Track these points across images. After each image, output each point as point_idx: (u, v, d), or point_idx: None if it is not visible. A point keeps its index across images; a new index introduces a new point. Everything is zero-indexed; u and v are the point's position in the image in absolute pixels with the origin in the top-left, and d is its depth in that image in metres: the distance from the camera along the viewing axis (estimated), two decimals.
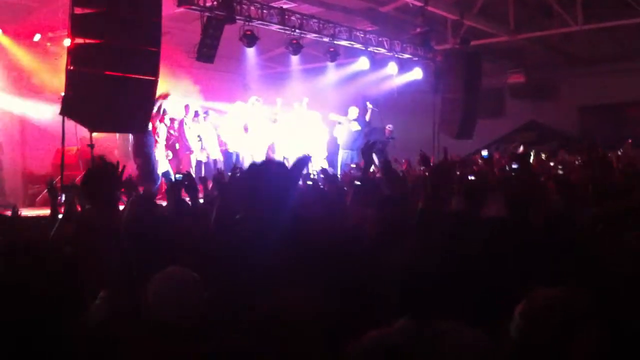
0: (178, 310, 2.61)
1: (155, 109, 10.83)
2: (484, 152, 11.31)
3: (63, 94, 8.46)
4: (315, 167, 12.44)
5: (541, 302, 2.37)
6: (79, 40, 8.32)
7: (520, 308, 2.35)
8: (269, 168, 3.20)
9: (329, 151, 14.77)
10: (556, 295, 2.36)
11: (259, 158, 12.68)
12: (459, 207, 4.35)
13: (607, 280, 2.73)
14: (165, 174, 10.84)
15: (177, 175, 6.29)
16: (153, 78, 8.66)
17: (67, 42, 8.69)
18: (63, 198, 8.00)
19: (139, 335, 2.46)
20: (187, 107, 12.32)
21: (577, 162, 9.64)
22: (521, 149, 12.19)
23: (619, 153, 10.48)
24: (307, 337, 2.17)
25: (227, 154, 13.01)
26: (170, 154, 11.75)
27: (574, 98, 18.33)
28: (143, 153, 10.22)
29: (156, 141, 10.91)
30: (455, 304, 2.38)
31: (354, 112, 14.36)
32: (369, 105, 14.46)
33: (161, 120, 11.29)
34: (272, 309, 2.21)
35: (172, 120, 11.70)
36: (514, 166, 6.60)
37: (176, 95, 12.04)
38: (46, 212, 5.94)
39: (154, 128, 10.96)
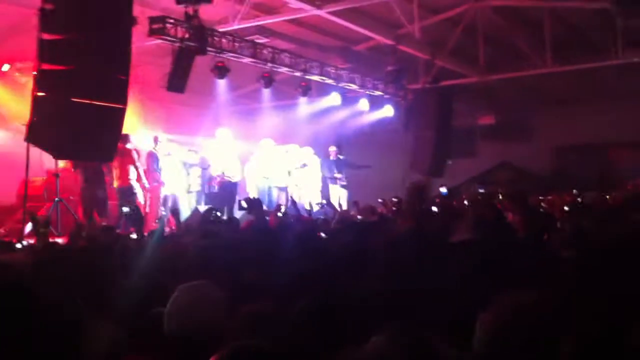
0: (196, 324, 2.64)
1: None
2: (443, 189, 11.26)
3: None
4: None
5: (509, 309, 2.24)
6: (47, 67, 8.17)
7: (485, 317, 2.22)
8: None
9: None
10: (525, 300, 2.24)
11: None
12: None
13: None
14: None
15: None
16: (122, 106, 8.51)
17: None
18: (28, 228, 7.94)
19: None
20: (156, 138, 12.11)
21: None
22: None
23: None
24: None
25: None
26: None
27: (548, 138, 18.52)
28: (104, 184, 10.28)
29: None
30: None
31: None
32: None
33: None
34: None
35: (138, 151, 11.43)
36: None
37: (144, 127, 11.92)
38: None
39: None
